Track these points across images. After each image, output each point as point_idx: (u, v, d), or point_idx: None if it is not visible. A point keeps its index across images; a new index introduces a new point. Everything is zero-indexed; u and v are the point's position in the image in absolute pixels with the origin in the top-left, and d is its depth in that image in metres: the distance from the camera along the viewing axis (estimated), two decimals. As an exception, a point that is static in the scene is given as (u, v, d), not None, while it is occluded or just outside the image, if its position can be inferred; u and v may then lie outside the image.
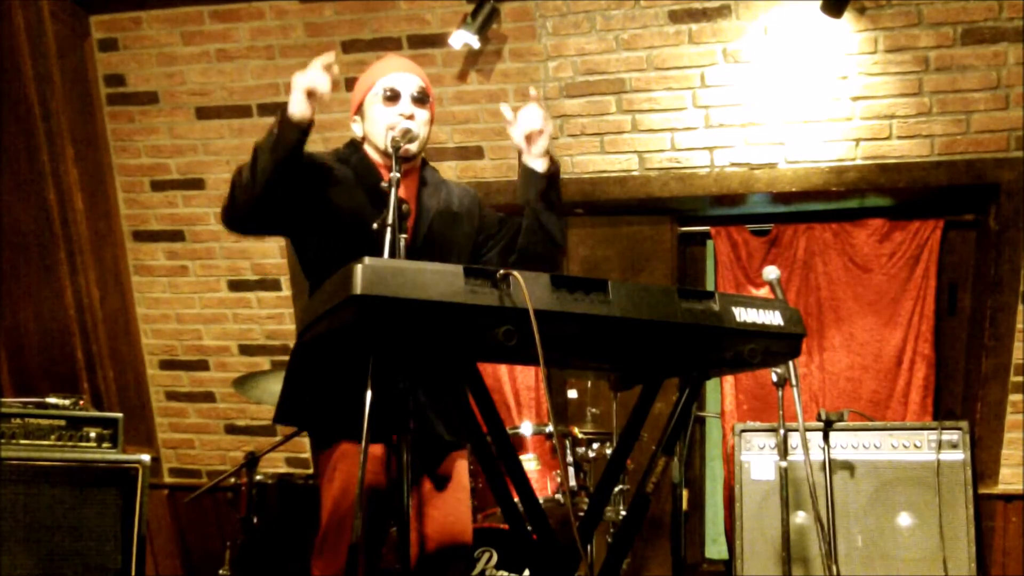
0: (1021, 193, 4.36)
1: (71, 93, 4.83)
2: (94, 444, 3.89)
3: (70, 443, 3.86)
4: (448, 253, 2.70)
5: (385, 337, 1.96)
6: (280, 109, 2.50)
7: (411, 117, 2.69)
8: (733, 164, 4.61)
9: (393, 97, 2.73)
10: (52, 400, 3.96)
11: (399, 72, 2.77)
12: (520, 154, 2.73)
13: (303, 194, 2.60)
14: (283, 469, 5.18)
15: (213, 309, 5.22)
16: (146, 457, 3.95)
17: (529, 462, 3.96)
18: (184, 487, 5.14)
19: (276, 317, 5.14)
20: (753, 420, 4.59)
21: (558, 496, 3.92)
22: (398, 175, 2.44)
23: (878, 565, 4.16)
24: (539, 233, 2.72)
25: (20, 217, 4.78)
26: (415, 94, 2.74)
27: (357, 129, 2.83)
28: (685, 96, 4.55)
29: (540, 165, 2.70)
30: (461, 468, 2.78)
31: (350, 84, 2.94)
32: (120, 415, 4.01)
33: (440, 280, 1.89)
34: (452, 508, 2.72)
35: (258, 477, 4.13)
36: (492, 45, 4.59)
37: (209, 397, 5.30)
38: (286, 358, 3.32)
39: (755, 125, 4.53)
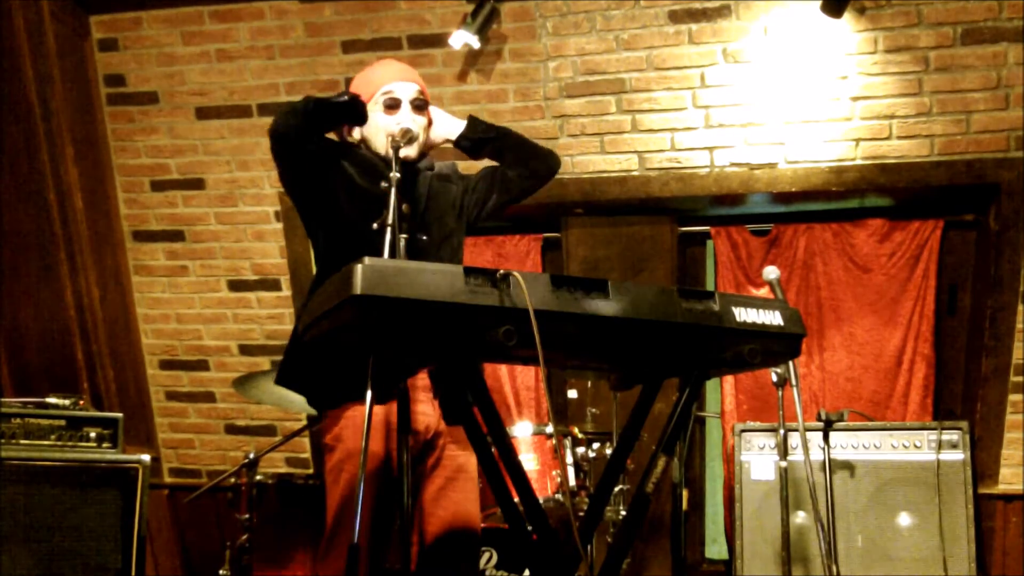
0: (1021, 193, 4.36)
1: (71, 93, 4.83)
2: (94, 444, 3.89)
3: (70, 443, 3.86)
4: (446, 207, 2.88)
5: (385, 337, 1.96)
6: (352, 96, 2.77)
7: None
8: (733, 164, 4.61)
9: (393, 105, 2.80)
10: (52, 400, 3.97)
11: (398, 81, 2.83)
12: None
13: (325, 164, 2.75)
14: (283, 469, 5.19)
15: (213, 309, 5.22)
16: (146, 457, 3.95)
17: (529, 462, 3.96)
18: (184, 487, 5.14)
19: (276, 317, 5.14)
20: (753, 420, 4.59)
21: (558, 496, 3.92)
22: (398, 175, 2.47)
23: (878, 565, 4.16)
24: (505, 147, 2.97)
25: (20, 217, 4.78)
26: (414, 101, 2.81)
27: (355, 133, 2.86)
28: (685, 96, 4.54)
29: (455, 131, 2.93)
30: (470, 463, 2.79)
31: (348, 85, 2.96)
32: (120, 415, 4.02)
33: (440, 280, 1.89)
34: (460, 505, 2.73)
35: (258, 477, 4.13)
36: (492, 45, 4.58)
37: (209, 397, 5.30)
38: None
39: (755, 125, 4.53)
